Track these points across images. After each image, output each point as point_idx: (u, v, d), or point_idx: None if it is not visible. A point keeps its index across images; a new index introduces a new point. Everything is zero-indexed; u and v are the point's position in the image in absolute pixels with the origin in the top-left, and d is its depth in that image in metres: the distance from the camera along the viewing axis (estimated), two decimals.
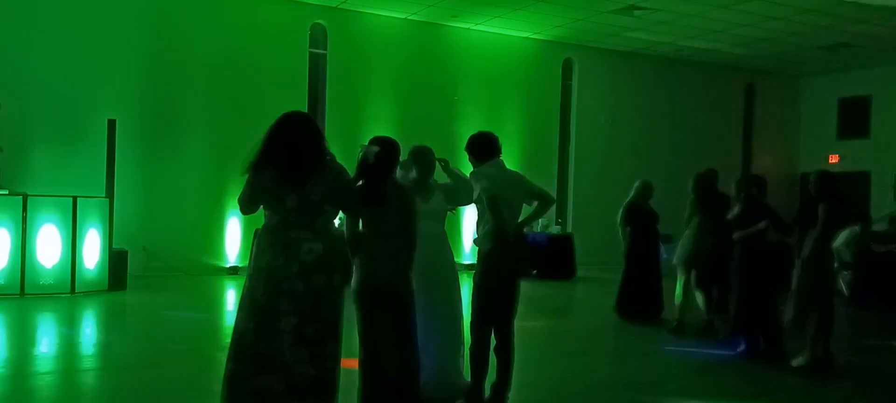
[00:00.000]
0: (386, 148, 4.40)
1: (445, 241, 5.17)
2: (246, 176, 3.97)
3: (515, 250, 4.97)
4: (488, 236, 4.83)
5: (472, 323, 4.91)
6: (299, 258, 3.86)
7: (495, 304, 4.90)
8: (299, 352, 3.85)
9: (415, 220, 4.43)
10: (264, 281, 3.89)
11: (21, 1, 11.45)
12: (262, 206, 4.03)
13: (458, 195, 5.19)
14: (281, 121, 3.99)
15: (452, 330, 5.09)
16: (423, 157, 5.07)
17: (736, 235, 7.15)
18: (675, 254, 8.65)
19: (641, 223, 9.03)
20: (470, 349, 4.92)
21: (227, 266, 12.70)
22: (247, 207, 4.06)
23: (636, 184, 9.22)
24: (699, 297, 8.36)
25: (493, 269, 4.86)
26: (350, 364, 4.39)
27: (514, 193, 5.00)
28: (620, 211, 9.12)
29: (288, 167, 3.89)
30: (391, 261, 4.32)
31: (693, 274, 8.35)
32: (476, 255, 5.07)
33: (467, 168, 5.11)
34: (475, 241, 5.05)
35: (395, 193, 4.36)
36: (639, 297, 9.02)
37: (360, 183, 4.34)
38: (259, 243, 4.00)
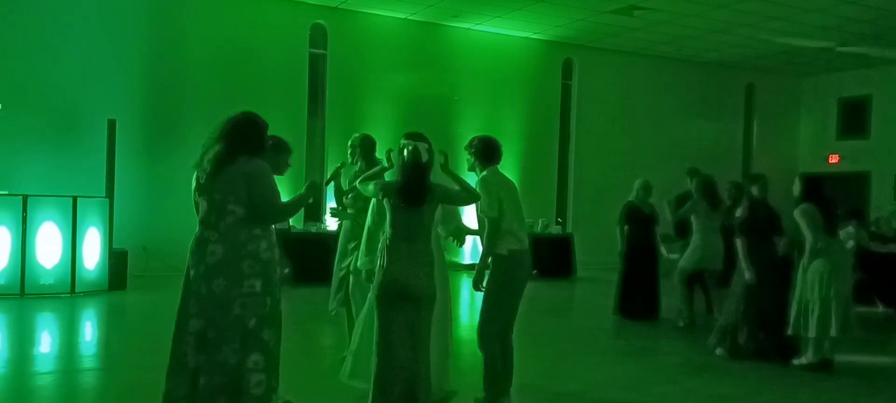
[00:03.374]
0: (430, 145, 4.30)
1: (439, 247, 5.07)
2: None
3: (528, 257, 4.92)
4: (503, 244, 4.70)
5: (485, 332, 4.76)
6: (205, 259, 3.79)
7: (512, 312, 4.86)
8: (200, 359, 3.75)
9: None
10: (184, 282, 3.91)
11: (21, 1, 11.46)
12: None
13: (458, 202, 4.83)
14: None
15: (447, 335, 5.07)
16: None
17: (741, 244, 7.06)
18: (686, 258, 8.70)
19: (640, 223, 9.04)
20: (485, 360, 4.79)
21: None
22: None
23: (636, 183, 9.25)
24: (702, 297, 8.49)
25: (511, 278, 4.78)
26: None
27: (518, 197, 4.98)
28: (620, 211, 9.14)
29: (199, 164, 3.89)
30: (416, 265, 4.21)
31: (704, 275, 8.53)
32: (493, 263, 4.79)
33: (464, 169, 5.06)
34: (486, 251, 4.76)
35: (431, 194, 4.26)
36: (638, 296, 9.04)
37: (400, 181, 4.25)
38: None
